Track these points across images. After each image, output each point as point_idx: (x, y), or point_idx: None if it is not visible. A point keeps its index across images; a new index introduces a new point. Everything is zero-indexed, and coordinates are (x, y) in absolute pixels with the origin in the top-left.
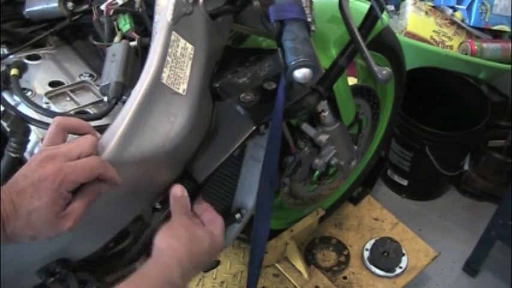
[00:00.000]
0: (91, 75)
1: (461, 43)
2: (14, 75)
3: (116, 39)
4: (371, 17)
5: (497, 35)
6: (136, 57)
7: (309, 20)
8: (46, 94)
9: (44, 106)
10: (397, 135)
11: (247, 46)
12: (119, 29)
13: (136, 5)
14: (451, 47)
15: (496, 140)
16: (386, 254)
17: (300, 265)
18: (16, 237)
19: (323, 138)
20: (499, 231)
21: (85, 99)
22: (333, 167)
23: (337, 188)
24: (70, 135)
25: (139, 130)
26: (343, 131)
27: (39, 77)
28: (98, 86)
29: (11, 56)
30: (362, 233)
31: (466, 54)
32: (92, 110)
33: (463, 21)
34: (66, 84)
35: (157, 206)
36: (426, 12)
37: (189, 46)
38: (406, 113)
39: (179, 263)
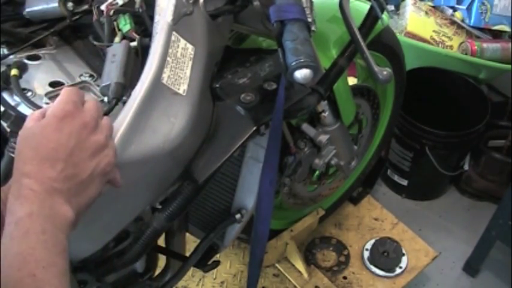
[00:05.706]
0: (91, 76)
1: (461, 43)
2: (14, 75)
3: (116, 39)
4: (371, 17)
5: (497, 35)
6: (137, 58)
7: (310, 20)
8: (46, 94)
9: (44, 106)
10: (397, 135)
11: (247, 46)
12: (119, 29)
13: (137, 5)
14: (451, 47)
15: (496, 140)
16: (386, 254)
17: (300, 265)
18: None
19: (323, 138)
20: (499, 231)
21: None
22: (333, 167)
23: (337, 188)
24: None
25: (139, 131)
26: (343, 131)
27: (39, 77)
28: (98, 86)
29: (11, 56)
30: (362, 233)
31: (466, 54)
32: None
33: (463, 21)
34: (67, 85)
35: (158, 206)
36: (426, 12)
37: (190, 46)
38: (406, 113)
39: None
